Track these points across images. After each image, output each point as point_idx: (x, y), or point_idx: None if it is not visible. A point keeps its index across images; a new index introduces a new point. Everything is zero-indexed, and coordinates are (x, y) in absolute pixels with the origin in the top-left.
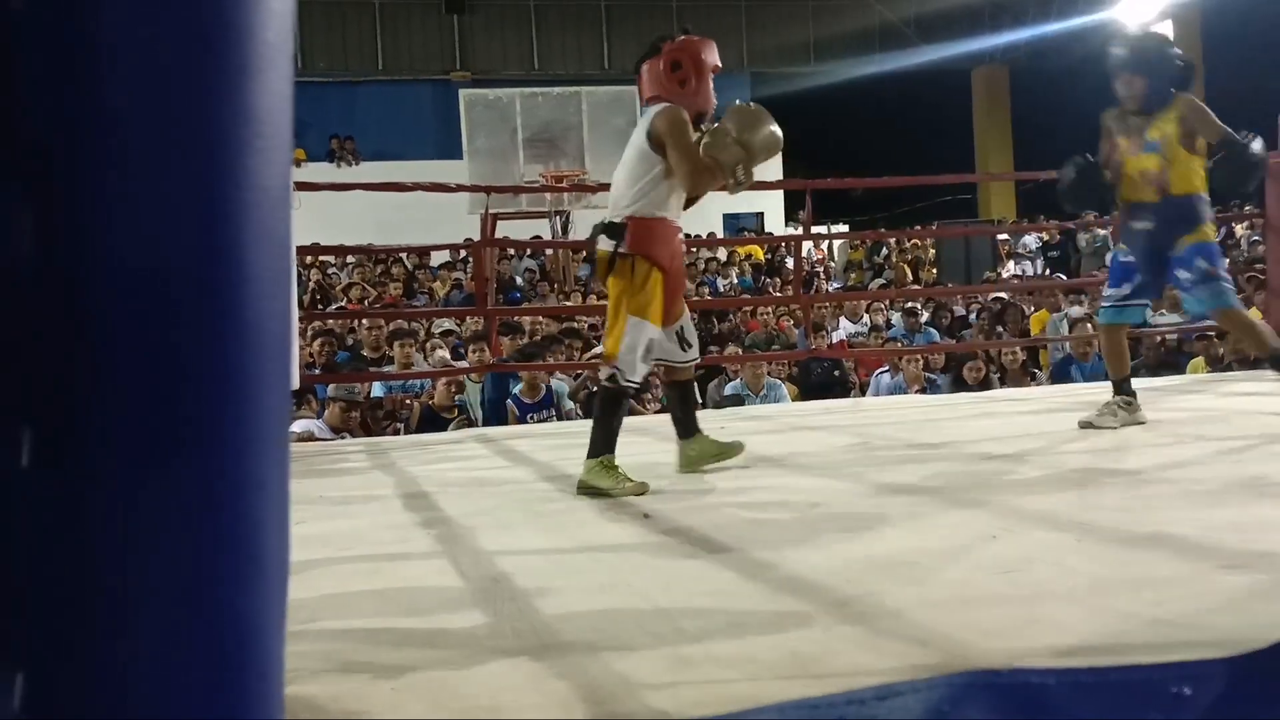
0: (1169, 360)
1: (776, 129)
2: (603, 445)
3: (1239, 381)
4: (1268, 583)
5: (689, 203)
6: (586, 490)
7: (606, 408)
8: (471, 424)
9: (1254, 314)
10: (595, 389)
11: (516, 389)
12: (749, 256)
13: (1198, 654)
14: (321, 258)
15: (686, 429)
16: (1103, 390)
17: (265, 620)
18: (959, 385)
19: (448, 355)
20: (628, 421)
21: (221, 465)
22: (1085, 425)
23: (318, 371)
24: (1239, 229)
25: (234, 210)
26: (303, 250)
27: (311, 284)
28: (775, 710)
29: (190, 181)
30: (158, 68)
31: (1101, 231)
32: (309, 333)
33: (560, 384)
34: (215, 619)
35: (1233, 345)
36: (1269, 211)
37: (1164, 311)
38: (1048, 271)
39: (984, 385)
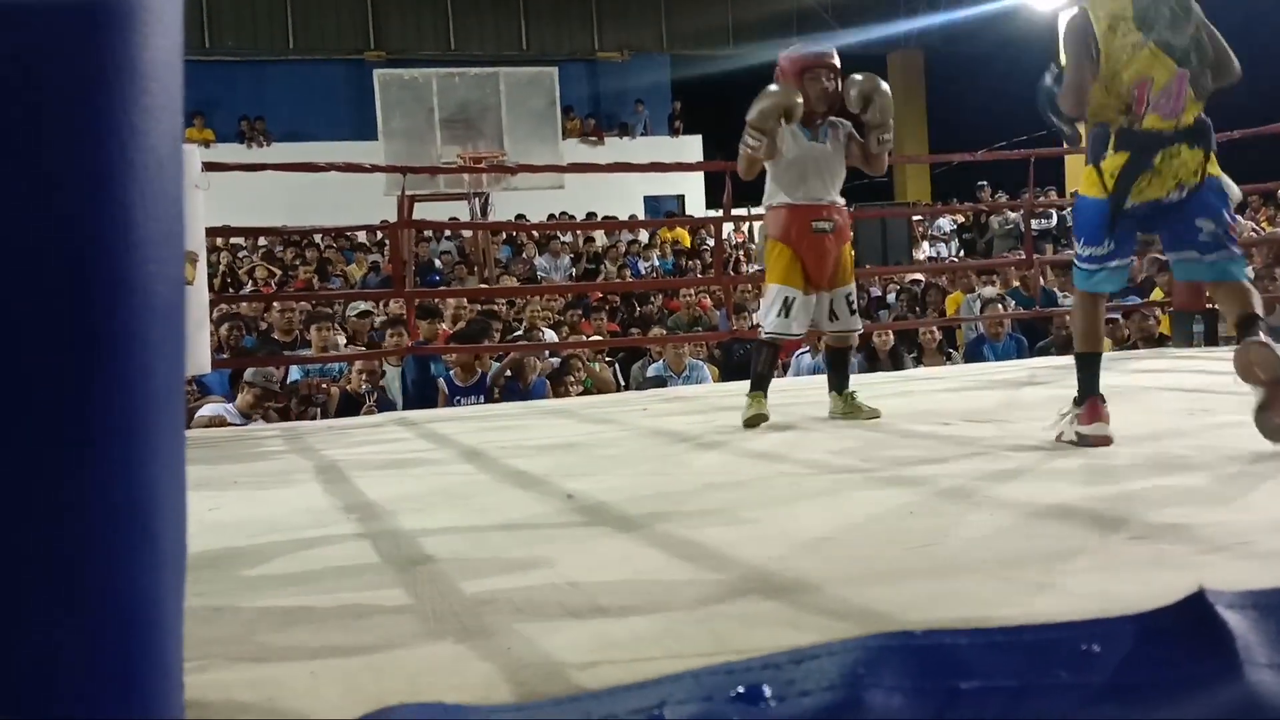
0: None
1: (766, 100)
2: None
3: (1144, 359)
4: (1172, 553)
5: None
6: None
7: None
8: (391, 408)
9: (1161, 293)
10: (513, 374)
11: (450, 371)
12: (676, 242)
13: None
14: (233, 240)
15: (834, 385)
16: (1012, 369)
17: (162, 607)
18: (873, 364)
19: (343, 340)
20: (548, 404)
21: (112, 440)
22: None
23: (225, 356)
24: None
25: (119, 171)
26: (213, 232)
27: (222, 267)
28: (692, 676)
29: (70, 142)
30: (34, 22)
31: (1013, 215)
32: (214, 316)
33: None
34: (108, 608)
35: (1138, 324)
36: None
37: (1070, 294)
38: (961, 253)
39: (898, 364)
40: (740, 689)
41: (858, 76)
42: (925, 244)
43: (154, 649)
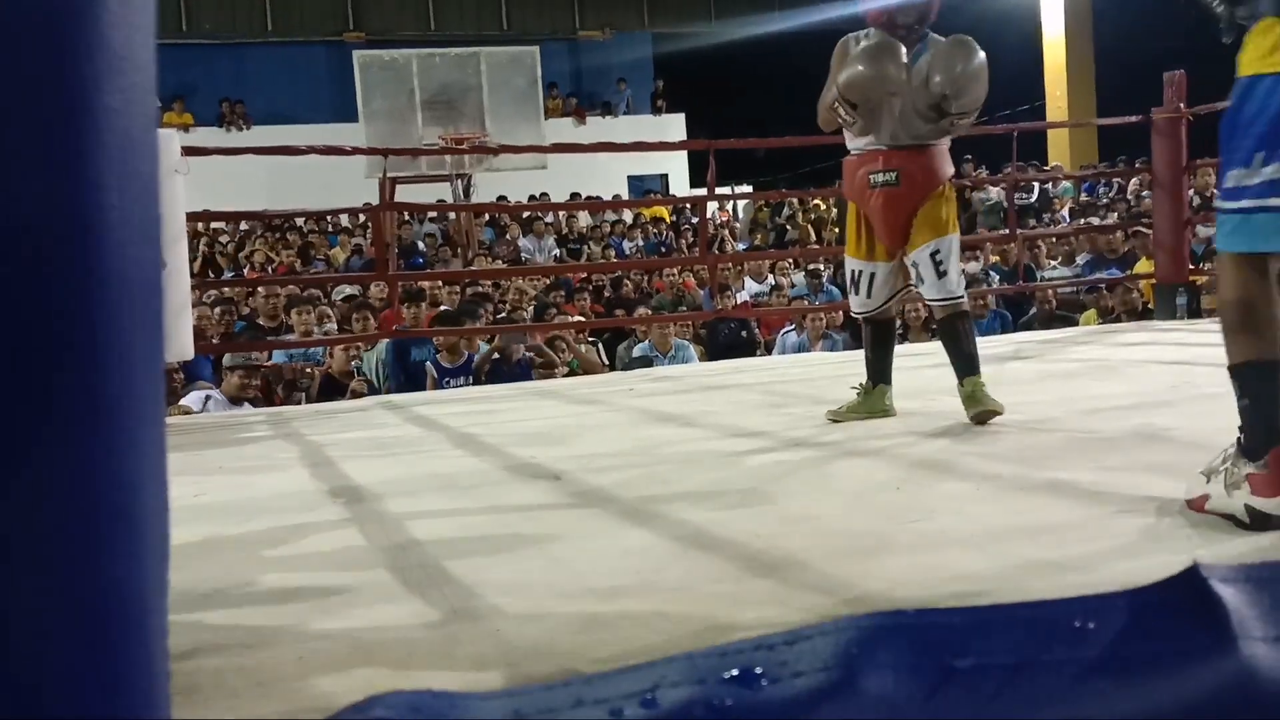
0: (1060, 313)
1: (867, 67)
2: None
3: (1128, 332)
4: (1159, 526)
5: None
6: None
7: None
8: (374, 390)
9: (1145, 265)
10: (499, 357)
11: (436, 354)
12: (655, 219)
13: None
14: (214, 225)
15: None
16: (997, 344)
17: (146, 601)
18: (858, 341)
19: (334, 326)
20: (535, 385)
21: (90, 430)
22: None
23: (215, 341)
24: (1131, 184)
25: (91, 153)
26: (193, 216)
27: (201, 252)
28: (685, 658)
29: (39, 123)
30: (3, 2)
31: (995, 190)
32: (204, 301)
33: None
34: (90, 604)
35: (1122, 297)
36: (1155, 166)
37: (1056, 264)
38: None
39: None
40: (734, 670)
41: (949, 47)
42: None
43: (139, 644)
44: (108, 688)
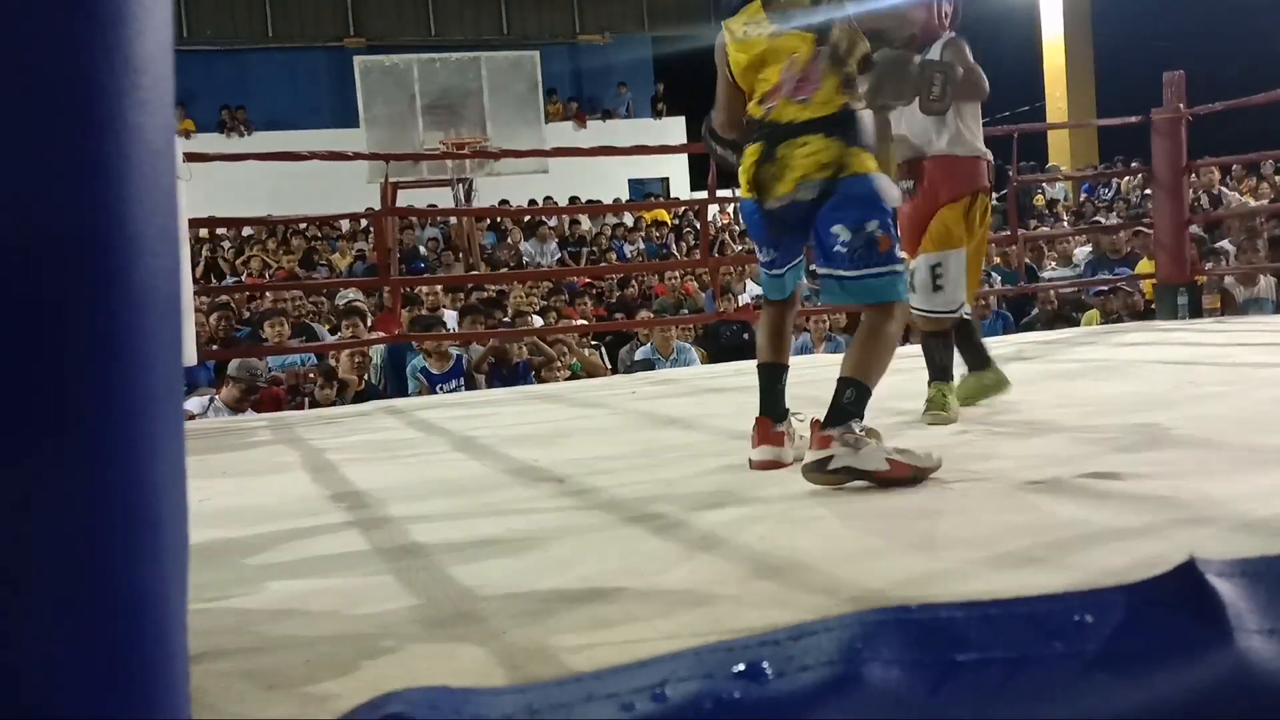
0: (1062, 313)
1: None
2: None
3: (1130, 332)
4: (1160, 524)
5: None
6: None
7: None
8: (377, 396)
9: (1146, 266)
10: (495, 360)
11: (424, 361)
12: (656, 222)
13: None
14: (217, 230)
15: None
16: (999, 345)
17: (166, 603)
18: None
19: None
20: (537, 389)
21: (112, 432)
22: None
23: (215, 348)
24: (1124, 183)
25: (114, 165)
26: (196, 223)
27: (203, 258)
28: (693, 654)
29: (65, 136)
30: (26, 14)
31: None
32: (200, 308)
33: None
34: (111, 605)
35: (1123, 297)
36: (1155, 167)
37: (1054, 265)
38: None
39: None
40: (741, 666)
41: (943, 55)
42: None
43: (158, 646)
44: (129, 689)
